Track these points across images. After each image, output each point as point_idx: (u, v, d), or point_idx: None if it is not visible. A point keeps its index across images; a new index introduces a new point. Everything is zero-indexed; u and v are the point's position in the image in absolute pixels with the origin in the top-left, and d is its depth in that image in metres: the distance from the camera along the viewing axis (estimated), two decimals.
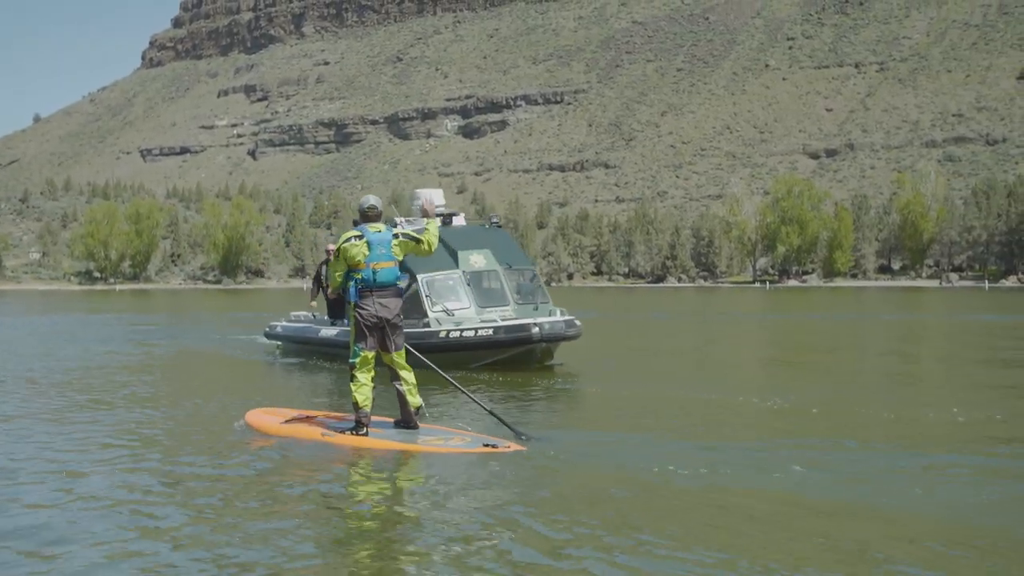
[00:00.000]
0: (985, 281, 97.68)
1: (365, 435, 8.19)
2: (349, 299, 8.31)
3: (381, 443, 8.06)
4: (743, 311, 42.74)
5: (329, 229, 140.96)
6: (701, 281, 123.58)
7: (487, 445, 7.65)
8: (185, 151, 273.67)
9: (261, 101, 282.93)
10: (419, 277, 14.93)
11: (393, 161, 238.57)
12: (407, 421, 8.48)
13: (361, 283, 8.22)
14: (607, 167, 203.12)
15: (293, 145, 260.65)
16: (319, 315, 17.29)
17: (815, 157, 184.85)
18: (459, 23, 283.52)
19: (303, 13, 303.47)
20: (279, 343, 18.71)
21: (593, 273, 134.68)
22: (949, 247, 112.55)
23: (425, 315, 14.80)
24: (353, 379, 8.25)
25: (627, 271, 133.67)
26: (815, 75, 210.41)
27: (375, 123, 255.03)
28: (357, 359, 8.25)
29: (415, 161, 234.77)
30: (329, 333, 16.13)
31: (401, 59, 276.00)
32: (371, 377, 8.29)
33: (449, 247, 15.29)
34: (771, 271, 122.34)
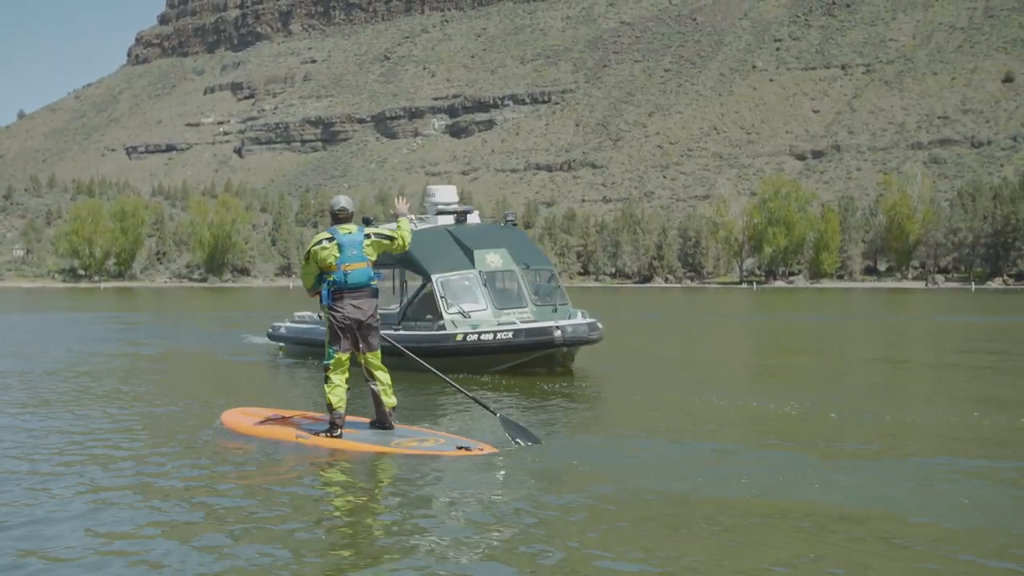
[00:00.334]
0: (971, 283, 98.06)
1: (339, 437, 8.15)
2: (322, 301, 8.25)
3: (354, 445, 8.00)
4: (735, 311, 42.75)
5: (316, 228, 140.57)
6: (688, 282, 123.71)
7: (461, 447, 7.58)
8: (171, 148, 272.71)
9: (248, 99, 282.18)
10: (434, 277, 14.35)
11: (380, 160, 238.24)
12: (382, 422, 8.44)
13: (333, 285, 8.16)
14: (594, 167, 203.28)
15: (280, 143, 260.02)
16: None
17: (802, 158, 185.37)
18: (447, 22, 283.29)
19: (290, 10, 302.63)
20: (282, 344, 17.89)
21: (580, 273, 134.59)
22: (935, 249, 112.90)
23: (440, 317, 14.18)
24: (327, 380, 8.22)
25: (614, 271, 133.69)
26: (802, 76, 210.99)
27: (362, 122, 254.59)
28: (331, 361, 8.22)
29: (402, 160, 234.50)
30: None
31: (388, 58, 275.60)
32: (345, 379, 8.25)
33: (464, 246, 14.77)
34: (758, 272, 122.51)
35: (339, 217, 8.41)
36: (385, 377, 8.40)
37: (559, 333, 13.55)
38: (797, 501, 6.16)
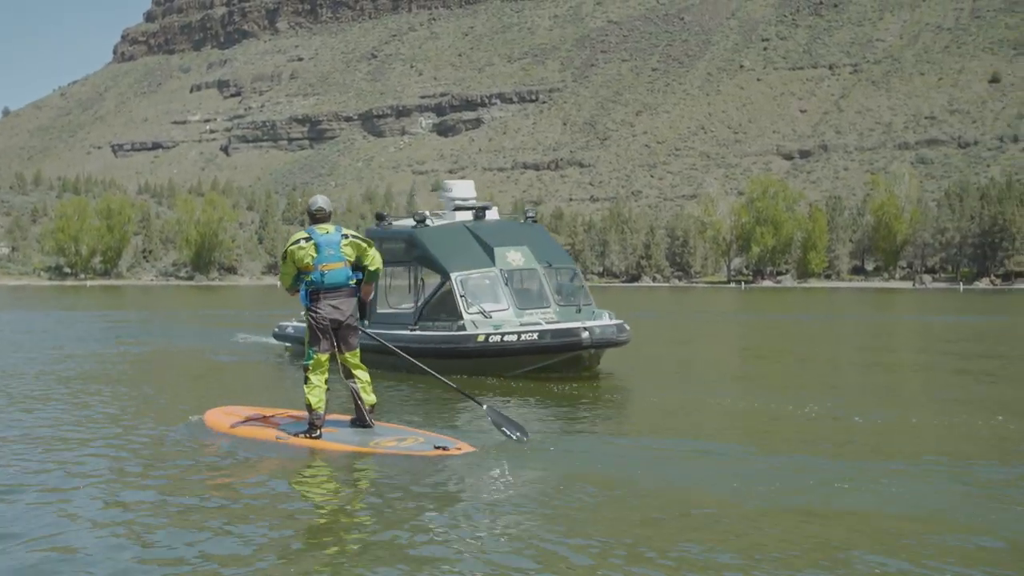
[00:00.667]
0: (959, 283, 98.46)
1: (318, 437, 8.12)
2: (301, 302, 8.20)
3: (333, 445, 7.97)
4: (725, 310, 42.80)
5: (303, 226, 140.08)
6: (676, 281, 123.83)
7: (439, 447, 7.55)
8: (157, 146, 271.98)
9: (234, 97, 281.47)
10: (453, 276, 13.72)
11: (367, 158, 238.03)
12: (361, 420, 8.41)
13: (311, 285, 8.11)
14: (582, 166, 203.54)
15: (266, 141, 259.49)
16: None
17: (789, 158, 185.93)
18: (434, 20, 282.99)
19: (277, 8, 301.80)
20: (288, 344, 17.31)
21: None
22: (922, 249, 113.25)
23: (459, 317, 13.52)
24: (307, 381, 8.17)
25: (601, 270, 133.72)
26: (789, 76, 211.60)
27: (349, 120, 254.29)
28: (311, 361, 8.17)
29: (389, 158, 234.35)
30: None
31: (376, 56, 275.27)
32: (325, 379, 8.20)
33: (484, 243, 14.23)
34: (745, 271, 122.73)
35: (316, 217, 8.37)
36: (364, 375, 8.37)
37: (587, 335, 12.86)
38: (803, 505, 6.12)
